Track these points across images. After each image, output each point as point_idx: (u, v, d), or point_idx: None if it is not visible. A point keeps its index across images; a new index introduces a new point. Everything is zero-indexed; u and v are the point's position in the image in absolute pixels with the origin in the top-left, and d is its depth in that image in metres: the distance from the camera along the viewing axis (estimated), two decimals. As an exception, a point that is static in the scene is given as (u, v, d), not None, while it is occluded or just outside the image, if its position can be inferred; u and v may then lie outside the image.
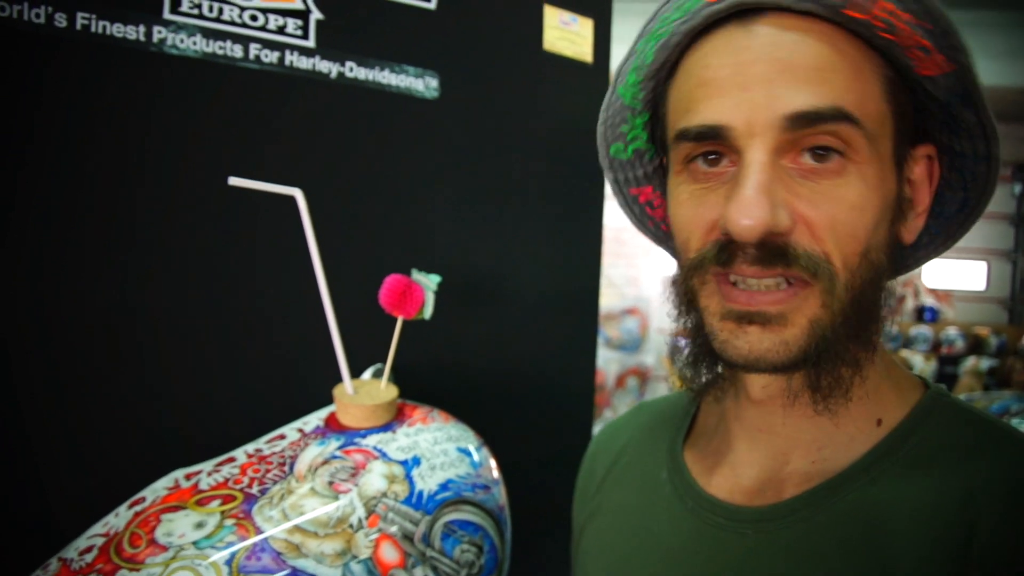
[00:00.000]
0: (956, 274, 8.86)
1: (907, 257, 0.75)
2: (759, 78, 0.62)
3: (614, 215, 0.63)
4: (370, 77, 1.02)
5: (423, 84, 1.06)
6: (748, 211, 0.60)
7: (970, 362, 7.19)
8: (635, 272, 6.31)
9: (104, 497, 0.82)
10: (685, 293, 0.68)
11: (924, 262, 0.76)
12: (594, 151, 1.27)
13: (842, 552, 0.65)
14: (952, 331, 7.81)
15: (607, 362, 6.28)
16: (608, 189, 1.01)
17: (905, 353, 8.14)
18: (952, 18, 0.62)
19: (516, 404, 1.20)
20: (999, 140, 0.65)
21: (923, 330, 8.26)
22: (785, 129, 0.61)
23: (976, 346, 7.66)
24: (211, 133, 0.93)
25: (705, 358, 0.70)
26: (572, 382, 1.29)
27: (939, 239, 0.74)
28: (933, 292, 8.53)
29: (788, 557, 0.67)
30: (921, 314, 8.49)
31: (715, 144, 0.64)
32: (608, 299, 6.25)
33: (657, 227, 0.84)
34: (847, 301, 0.63)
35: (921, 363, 7.86)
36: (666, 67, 0.69)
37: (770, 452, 0.73)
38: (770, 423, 0.72)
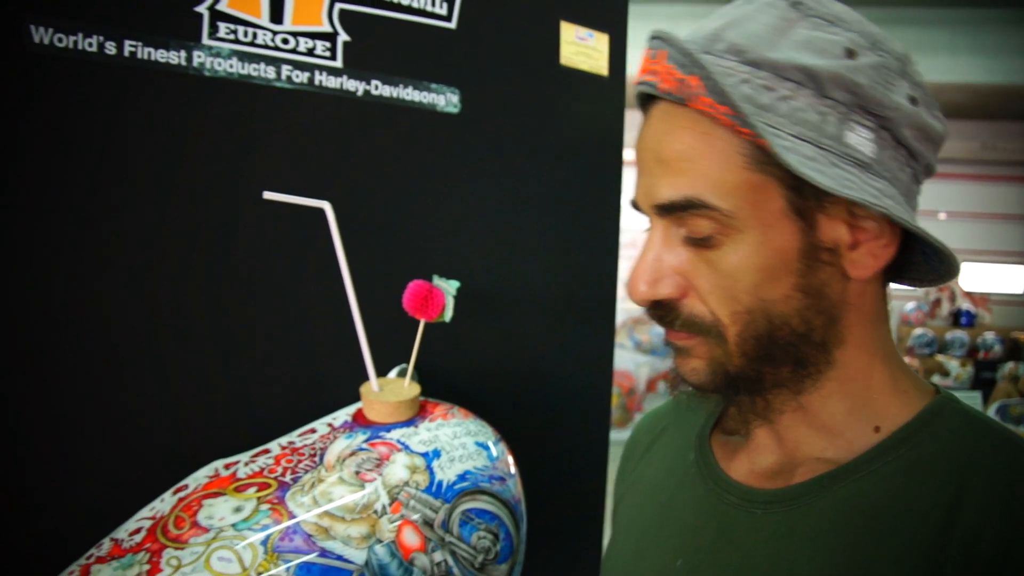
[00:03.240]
0: (994, 277, 8.77)
1: (910, 274, 0.78)
2: (647, 168, 0.72)
3: (644, 219, 0.71)
4: (394, 94, 1.08)
5: (445, 100, 1.12)
6: (634, 286, 0.72)
7: (1008, 367, 7.09)
8: (666, 276, 6.39)
9: (150, 485, 0.88)
10: None
11: (946, 277, 0.76)
12: (611, 160, 1.33)
13: (836, 536, 0.71)
14: (989, 336, 7.70)
15: (638, 366, 6.32)
16: (624, 198, 1.08)
17: (940, 358, 8.04)
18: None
19: (533, 406, 1.25)
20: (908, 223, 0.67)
21: (959, 335, 8.15)
22: (660, 214, 0.71)
23: (1014, 351, 7.54)
24: (246, 149, 0.98)
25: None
26: (589, 386, 1.34)
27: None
28: (970, 296, 8.41)
29: (787, 536, 0.74)
30: (957, 318, 8.39)
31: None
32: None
33: None
34: (740, 348, 0.71)
35: (957, 368, 7.76)
36: None
37: (783, 445, 0.79)
38: (778, 426, 0.79)
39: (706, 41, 0.69)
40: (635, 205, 0.76)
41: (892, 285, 0.78)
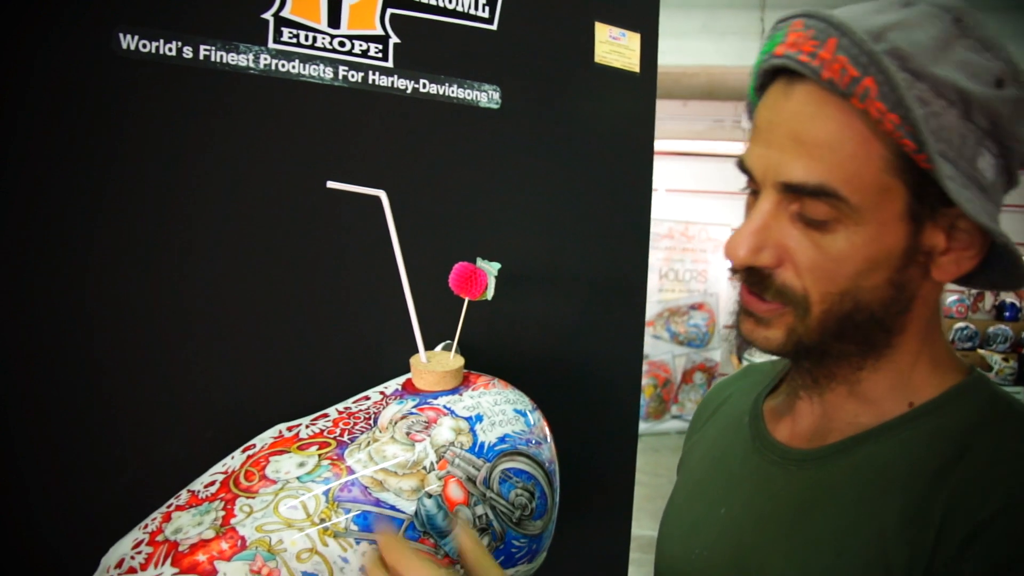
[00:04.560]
0: (1040, 271, 8.59)
1: (973, 280, 0.80)
2: (777, 142, 0.73)
3: (682, 211, 0.77)
4: (440, 91, 1.16)
5: (487, 96, 1.20)
6: (734, 248, 0.75)
7: (1053, 363, 6.99)
8: (702, 267, 6.34)
9: (222, 445, 0.97)
10: (735, 281, 0.83)
11: (1005, 287, 0.80)
12: (642, 153, 1.40)
13: (850, 490, 0.77)
14: (1034, 330, 7.60)
15: (674, 357, 6.35)
16: (655, 186, 1.15)
17: (983, 352, 7.95)
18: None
19: (566, 382, 1.33)
20: (1005, 241, 0.71)
21: (1003, 328, 8.05)
22: (783, 191, 0.73)
23: (1060, 346, 7.44)
24: (309, 143, 1.08)
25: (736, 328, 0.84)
26: (620, 364, 1.42)
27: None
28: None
29: (811, 489, 0.81)
30: (1001, 312, 8.28)
31: (752, 181, 0.77)
32: (675, 294, 6.29)
33: None
34: (822, 324, 0.75)
35: (1000, 363, 7.68)
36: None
37: (822, 412, 0.85)
38: (820, 396, 0.85)
39: (869, 36, 0.68)
40: (744, 168, 0.77)
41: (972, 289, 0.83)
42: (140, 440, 1.01)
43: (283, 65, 1.05)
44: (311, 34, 1.06)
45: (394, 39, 1.12)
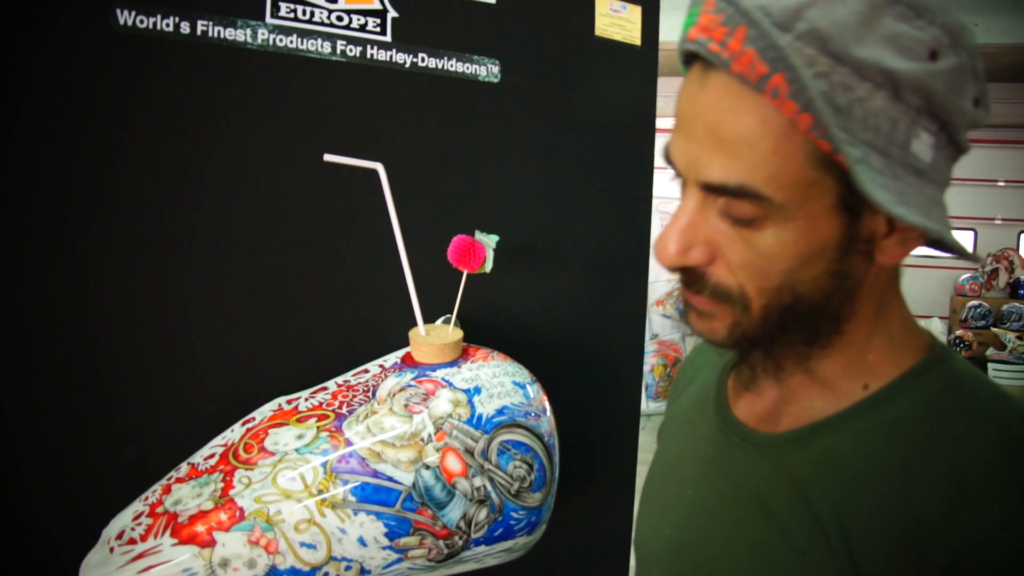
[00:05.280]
0: (1056, 247, 8.52)
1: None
2: (696, 136, 0.68)
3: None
4: (439, 65, 1.16)
5: (486, 70, 1.20)
6: (663, 249, 0.71)
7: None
8: (712, 247, 6.33)
9: (221, 419, 0.98)
10: None
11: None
12: (642, 127, 1.39)
13: (814, 486, 0.75)
14: (1051, 307, 7.56)
15: (684, 337, 6.34)
16: (657, 162, 1.13)
17: (996, 331, 7.91)
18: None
19: (566, 356, 1.34)
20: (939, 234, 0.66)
21: (1017, 306, 8.00)
22: (704, 188, 0.69)
23: (1076, 323, 7.39)
24: (306, 118, 1.08)
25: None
26: (621, 337, 1.42)
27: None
28: (1030, 266, 8.23)
29: (774, 479, 0.78)
30: (1016, 289, 8.22)
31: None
32: (683, 274, 6.29)
33: None
34: (763, 318, 0.72)
35: (1014, 341, 7.64)
36: None
37: (779, 391, 0.83)
38: (773, 375, 0.81)
39: (785, 16, 0.62)
40: (669, 160, 0.73)
41: (948, 255, 0.76)
42: (141, 414, 1.02)
43: (281, 40, 1.05)
44: (309, 8, 1.06)
45: (392, 13, 1.12)
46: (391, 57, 1.12)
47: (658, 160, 1.43)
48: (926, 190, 0.67)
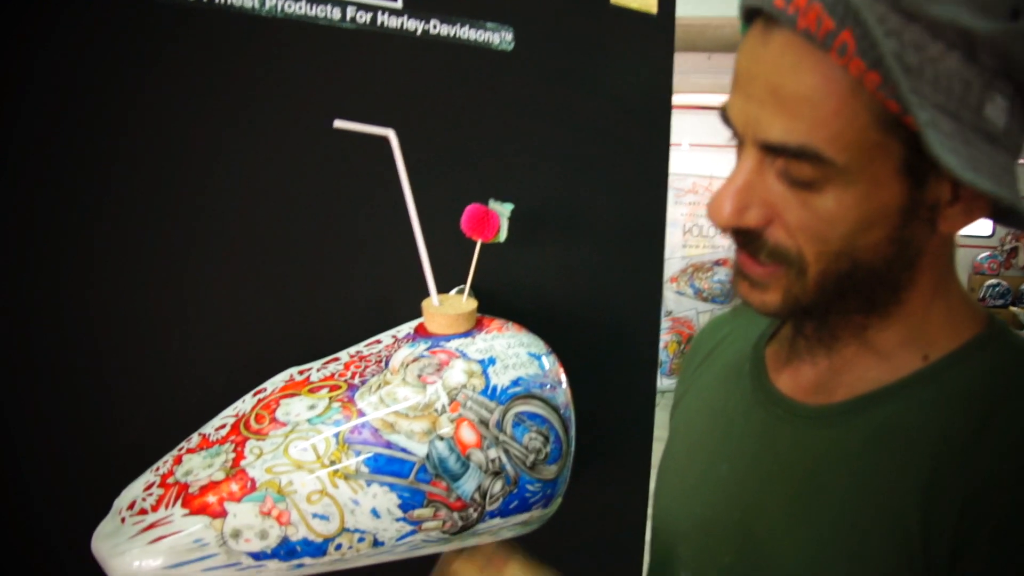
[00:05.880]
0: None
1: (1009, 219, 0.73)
2: (756, 95, 0.66)
3: (706, 166, 0.70)
4: (452, 33, 1.14)
5: (499, 38, 1.18)
6: (717, 209, 0.69)
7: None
8: (726, 223, 6.28)
9: (232, 390, 0.97)
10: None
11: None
12: (658, 98, 1.37)
13: (867, 458, 0.73)
14: (1073, 285, 7.50)
15: (698, 314, 6.31)
16: (679, 141, 1.11)
17: (1015, 310, 7.86)
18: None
19: (581, 328, 1.32)
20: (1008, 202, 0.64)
21: (1038, 285, 7.93)
22: (763, 148, 0.67)
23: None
24: (316, 86, 1.06)
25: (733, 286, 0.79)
26: (637, 309, 1.40)
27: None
28: (1053, 243, 8.16)
29: (823, 453, 0.76)
30: (1038, 268, 8.16)
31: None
32: (699, 250, 6.25)
33: None
34: (820, 284, 0.70)
35: (1035, 320, 7.59)
36: None
37: (828, 363, 0.80)
38: (824, 346, 0.80)
39: None
40: (726, 119, 0.71)
41: (968, 232, 0.76)
42: (153, 384, 1.02)
43: (289, 6, 1.03)
44: (318, -27, 1.04)
45: (403, -22, 1.09)
46: (402, 24, 1.10)
47: (673, 136, 1.41)
48: (998, 157, 0.64)
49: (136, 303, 1.00)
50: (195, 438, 0.92)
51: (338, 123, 0.94)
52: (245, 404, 0.94)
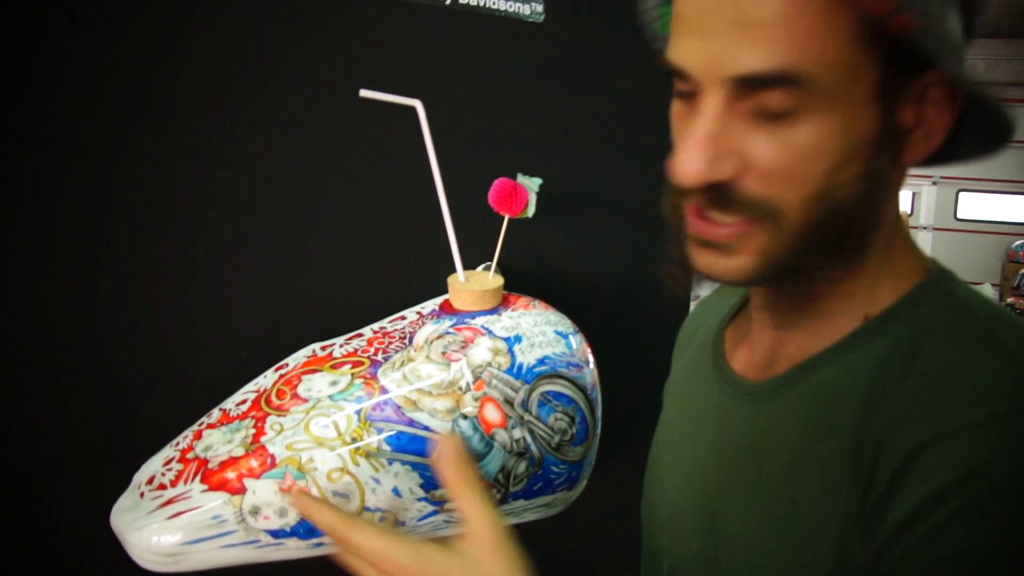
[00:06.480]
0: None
1: (946, 158, 0.70)
2: (717, 29, 0.61)
3: None
4: (482, 3, 1.11)
5: (529, 9, 1.15)
6: (686, 163, 0.63)
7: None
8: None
9: (254, 365, 0.96)
10: (671, 207, 0.73)
11: (977, 156, 0.70)
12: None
13: (799, 428, 0.70)
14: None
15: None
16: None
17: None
18: None
19: (610, 306, 1.30)
20: (992, 99, 0.61)
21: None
22: (735, 85, 0.61)
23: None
24: (344, 54, 1.04)
25: (686, 264, 0.74)
26: (666, 292, 1.37)
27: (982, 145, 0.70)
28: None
29: (764, 427, 0.74)
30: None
31: (686, 82, 0.65)
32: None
33: None
34: (799, 235, 0.64)
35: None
36: None
37: (775, 336, 0.77)
38: (771, 313, 0.77)
39: None
40: (674, 68, 0.65)
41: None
42: (174, 359, 1.01)
43: (316, -27, 1.00)
44: (346, -61, 1.02)
45: (433, -54, 1.07)
46: (432, -7, 1.08)
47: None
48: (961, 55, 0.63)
49: (160, 277, 0.99)
50: (216, 413, 0.90)
51: (364, 92, 0.91)
52: (266, 380, 0.92)
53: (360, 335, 0.96)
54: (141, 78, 0.94)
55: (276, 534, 0.82)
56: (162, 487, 0.83)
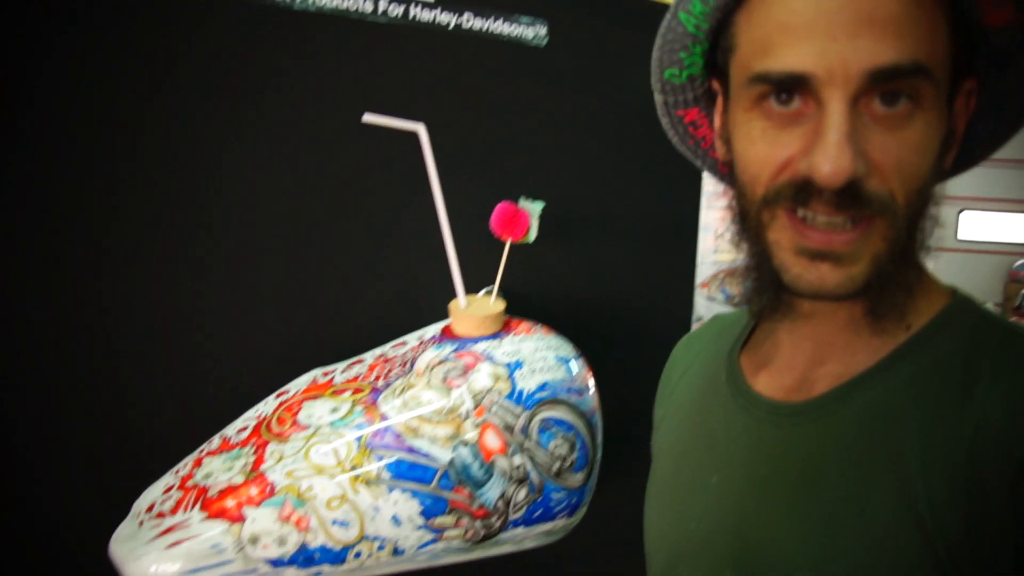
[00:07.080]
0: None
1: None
2: (843, 28, 0.62)
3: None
4: (484, 27, 1.11)
5: (533, 32, 1.15)
6: (834, 161, 0.62)
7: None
8: (760, 228, 6.23)
9: (254, 392, 0.96)
10: (754, 226, 0.71)
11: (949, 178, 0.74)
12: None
13: (863, 440, 0.70)
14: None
15: (729, 320, 6.26)
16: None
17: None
18: None
19: (612, 330, 1.29)
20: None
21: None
22: (866, 81, 0.62)
23: None
24: (346, 79, 1.04)
25: (769, 286, 0.72)
26: (669, 312, 1.37)
27: (962, 161, 0.74)
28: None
29: (816, 445, 0.73)
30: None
31: (793, 88, 0.65)
32: (730, 255, 6.20)
33: (697, 145, 0.89)
34: (905, 233, 0.66)
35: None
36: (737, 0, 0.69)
37: (809, 356, 0.77)
38: (813, 332, 0.77)
39: None
40: (794, 76, 0.65)
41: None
42: (175, 385, 1.00)
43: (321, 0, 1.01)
44: (349, -35, 1.02)
45: (436, -28, 1.07)
46: (435, 18, 1.08)
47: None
48: None
49: (160, 303, 0.98)
50: (216, 440, 0.90)
51: (368, 117, 0.91)
52: (267, 406, 0.92)
53: (361, 360, 0.96)
54: (143, 99, 0.94)
55: (275, 563, 0.81)
56: (161, 515, 0.83)
